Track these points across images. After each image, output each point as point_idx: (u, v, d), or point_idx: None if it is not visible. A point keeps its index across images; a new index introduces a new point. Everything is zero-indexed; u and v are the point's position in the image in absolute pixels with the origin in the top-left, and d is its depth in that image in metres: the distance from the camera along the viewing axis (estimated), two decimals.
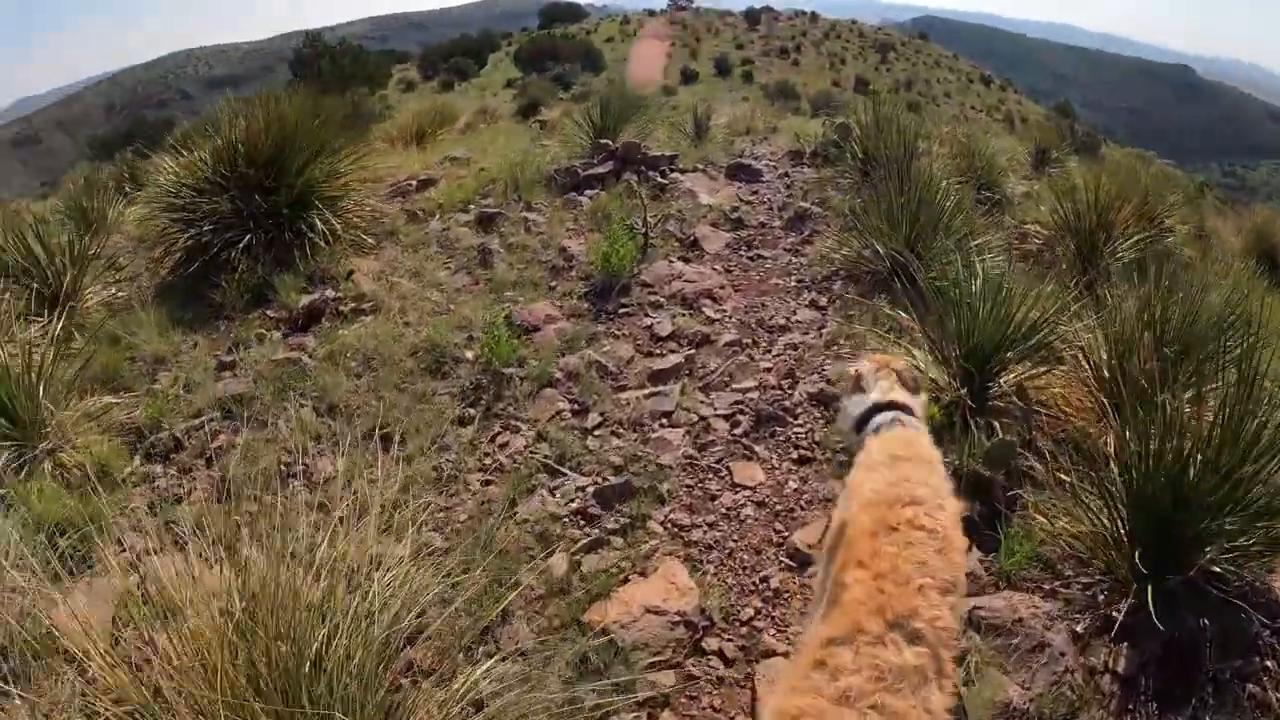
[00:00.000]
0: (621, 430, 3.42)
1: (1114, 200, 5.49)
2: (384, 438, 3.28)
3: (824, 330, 4.30)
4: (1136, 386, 2.66)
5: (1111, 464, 2.53)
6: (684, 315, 4.41)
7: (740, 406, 3.63)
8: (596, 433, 3.40)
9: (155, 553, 2.04)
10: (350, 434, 3.35)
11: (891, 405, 2.01)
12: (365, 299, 4.45)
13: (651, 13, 70.53)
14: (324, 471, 3.16)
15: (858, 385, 2.11)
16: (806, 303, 4.68)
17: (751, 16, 67.01)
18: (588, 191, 6.23)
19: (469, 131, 16.73)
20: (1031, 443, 2.99)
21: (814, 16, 72.98)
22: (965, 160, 7.06)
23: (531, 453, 3.27)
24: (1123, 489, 2.42)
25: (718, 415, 3.57)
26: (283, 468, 3.24)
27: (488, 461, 3.29)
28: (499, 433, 3.41)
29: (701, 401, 3.66)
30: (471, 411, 3.54)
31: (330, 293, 4.52)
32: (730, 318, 4.49)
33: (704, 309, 4.51)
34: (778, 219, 6.02)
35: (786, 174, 7.58)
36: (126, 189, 7.17)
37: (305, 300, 4.39)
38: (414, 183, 6.72)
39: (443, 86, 39.88)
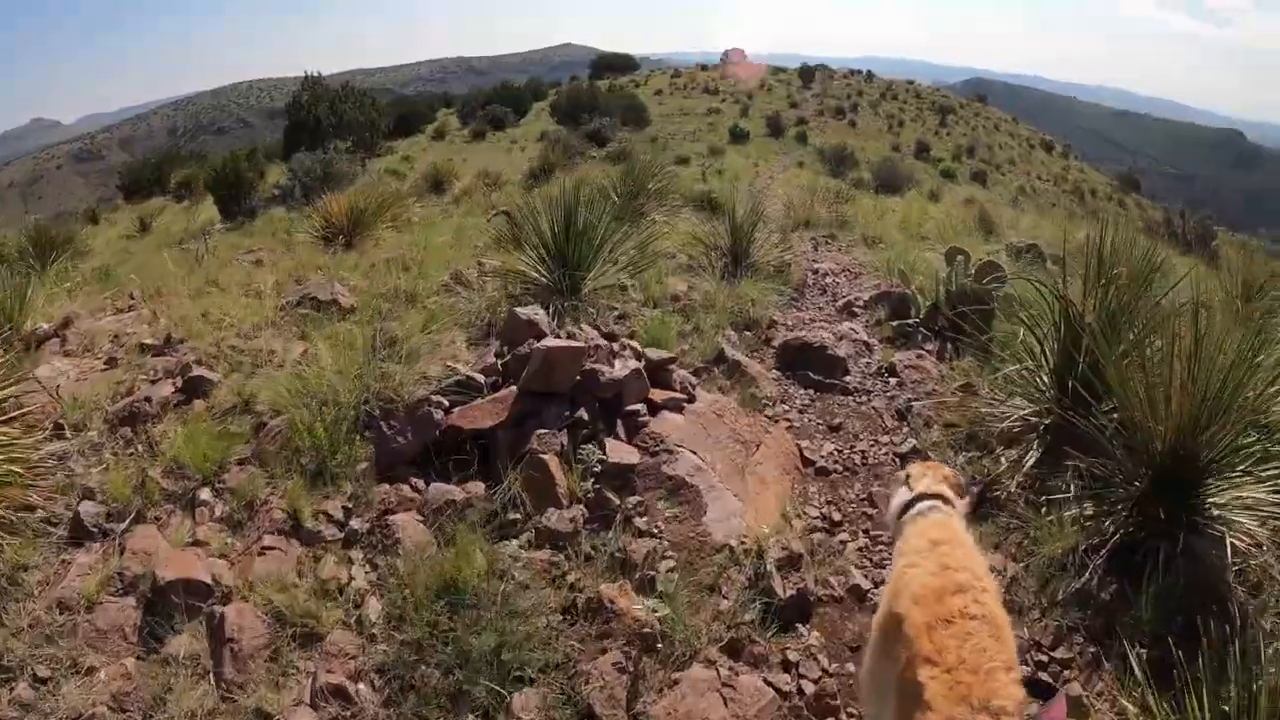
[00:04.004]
0: None
1: None
2: None
3: None
4: None
5: None
6: None
7: None
8: None
9: None
10: None
11: (930, 496, 2.04)
12: None
13: (704, 67, 68.53)
14: None
15: (904, 482, 2.13)
16: None
17: (806, 73, 64.68)
18: (433, 488, 2.81)
19: (458, 202, 13.70)
20: None
21: (870, 76, 70.45)
22: None
23: None
24: None
25: None
26: None
27: None
28: None
29: None
30: None
31: None
32: None
33: None
34: None
35: (891, 370, 4.37)
36: None
37: None
38: (164, 397, 3.52)
39: (474, 136, 37.36)
